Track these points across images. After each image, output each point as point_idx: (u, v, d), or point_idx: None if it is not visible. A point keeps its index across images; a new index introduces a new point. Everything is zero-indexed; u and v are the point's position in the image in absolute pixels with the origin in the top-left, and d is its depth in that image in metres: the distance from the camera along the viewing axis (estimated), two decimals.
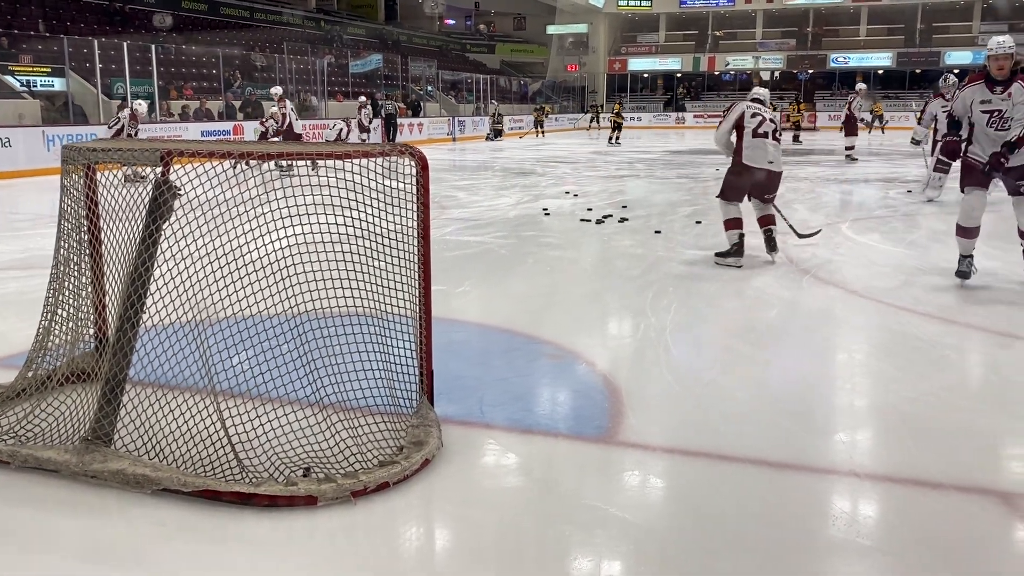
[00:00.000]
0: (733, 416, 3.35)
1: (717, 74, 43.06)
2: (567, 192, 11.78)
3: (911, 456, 2.97)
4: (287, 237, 2.90)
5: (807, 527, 2.49)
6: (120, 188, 3.07)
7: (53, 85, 17.16)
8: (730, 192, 6.37)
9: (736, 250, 6.25)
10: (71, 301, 3.23)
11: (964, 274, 5.47)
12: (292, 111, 14.31)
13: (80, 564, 2.31)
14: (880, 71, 39.94)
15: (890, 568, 2.29)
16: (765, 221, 6.41)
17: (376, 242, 2.96)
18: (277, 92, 14.96)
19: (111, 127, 12.93)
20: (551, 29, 43.84)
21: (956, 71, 37.45)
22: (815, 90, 40.15)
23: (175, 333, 2.85)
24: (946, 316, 4.69)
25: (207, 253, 2.80)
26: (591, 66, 43.76)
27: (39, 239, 7.47)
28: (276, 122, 14.39)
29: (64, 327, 3.24)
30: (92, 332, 3.32)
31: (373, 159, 2.90)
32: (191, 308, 2.77)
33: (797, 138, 25.11)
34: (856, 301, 5.31)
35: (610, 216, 9.01)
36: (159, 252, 2.86)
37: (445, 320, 4.21)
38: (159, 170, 2.80)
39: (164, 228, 2.86)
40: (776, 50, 41.50)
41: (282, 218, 2.89)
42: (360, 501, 2.57)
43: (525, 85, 39.83)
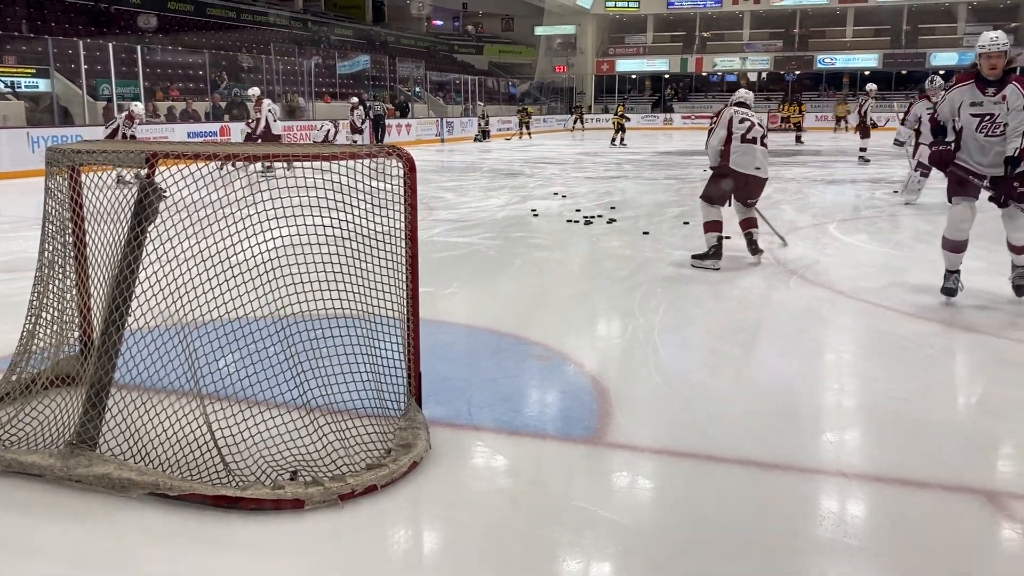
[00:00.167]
0: (721, 417, 3.36)
1: (705, 75, 43.20)
2: (555, 193, 11.79)
3: (898, 456, 2.98)
4: (274, 239, 2.88)
5: (795, 527, 2.49)
6: (110, 190, 3.04)
7: (38, 86, 17.05)
8: (714, 195, 6.36)
9: (714, 252, 6.25)
10: (56, 304, 3.21)
11: (950, 291, 5.07)
12: (271, 112, 14.09)
13: (65, 569, 2.29)
14: (866, 72, 40.15)
15: (877, 568, 2.30)
16: (747, 224, 6.42)
17: (364, 244, 2.96)
18: (255, 93, 14.83)
19: (108, 127, 12.85)
20: (539, 30, 43.88)
21: (942, 72, 37.77)
22: (802, 91, 40.34)
23: (161, 336, 2.83)
24: (932, 316, 4.72)
25: (193, 255, 2.78)
26: (579, 67, 43.82)
27: (23, 241, 7.41)
28: (256, 124, 14.25)
29: (48, 330, 3.21)
30: (77, 335, 3.30)
31: (360, 160, 2.89)
32: (177, 311, 2.75)
33: (799, 139, 25.17)
34: (843, 301, 5.33)
35: (600, 216, 9.02)
36: (144, 254, 2.84)
37: (433, 321, 4.20)
38: (144, 172, 2.78)
39: (149, 230, 2.85)
40: (763, 51, 41.67)
41: (268, 220, 2.87)
42: (347, 504, 2.56)
43: (513, 86, 39.84)
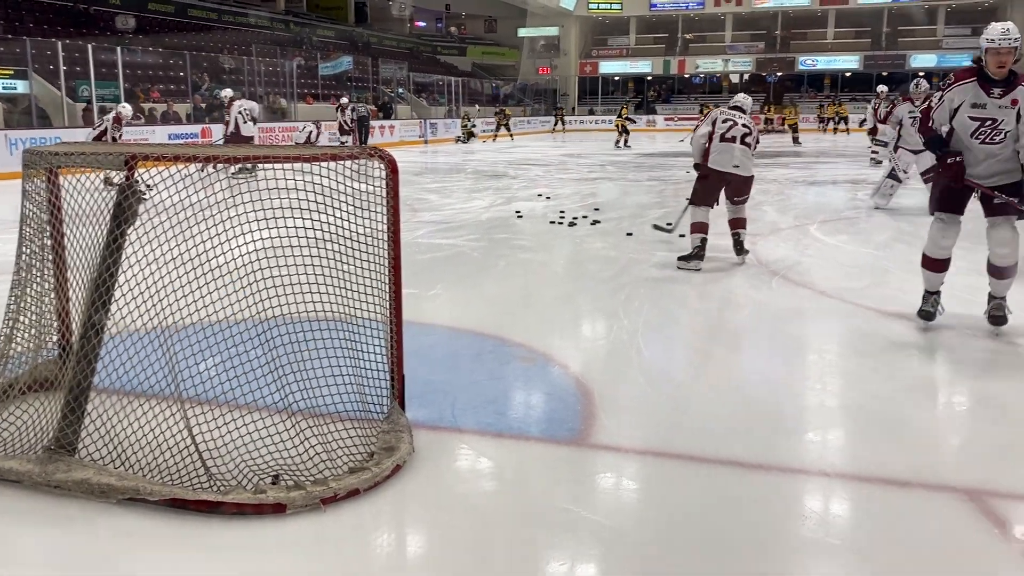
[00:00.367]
0: (705, 417, 3.37)
1: (687, 77, 43.38)
2: (539, 195, 11.79)
3: (880, 455, 2.99)
4: (255, 241, 2.86)
5: (778, 527, 2.50)
6: (89, 193, 3.00)
7: (16, 88, 16.87)
8: (700, 197, 6.40)
9: (697, 253, 6.27)
10: (33, 308, 3.17)
11: (928, 315, 4.58)
12: (240, 114, 13.87)
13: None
14: (847, 73, 40.49)
15: (860, 567, 2.31)
16: (735, 224, 6.45)
17: (346, 246, 2.94)
18: (227, 95, 14.67)
19: (95, 129, 12.73)
20: (522, 32, 43.91)
21: (922, 73, 38.11)
22: (784, 92, 40.61)
23: (141, 339, 2.80)
24: (913, 316, 4.75)
25: (173, 258, 2.76)
26: (562, 69, 43.88)
27: (0, 244, 7.32)
28: (226, 126, 14.13)
29: (26, 334, 3.18)
30: (55, 339, 3.26)
31: (342, 162, 2.88)
32: (157, 314, 2.73)
33: (796, 140, 25.26)
34: (825, 301, 5.36)
35: (585, 217, 9.04)
36: (124, 257, 2.81)
37: (416, 324, 4.19)
38: (122, 175, 2.75)
39: (129, 233, 2.82)
40: (745, 53, 41.89)
41: (249, 222, 2.85)
42: (330, 508, 2.54)
43: (497, 87, 39.84)
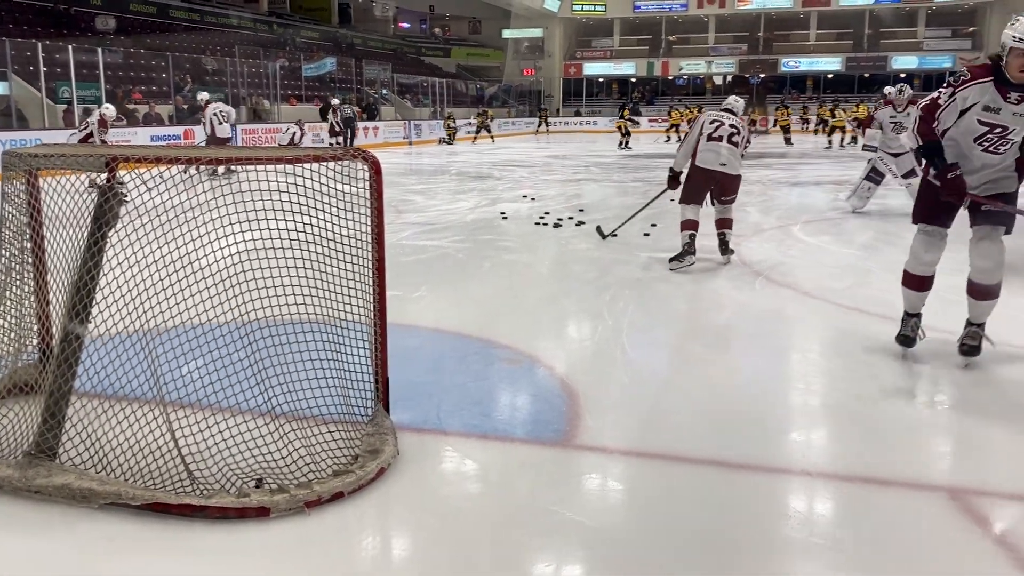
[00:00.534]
0: (689, 417, 3.38)
1: (671, 79, 43.52)
2: (524, 196, 11.80)
3: (862, 455, 3.01)
4: (237, 243, 2.84)
5: (762, 527, 2.51)
6: (70, 195, 2.97)
7: None
8: (687, 195, 6.45)
9: (687, 249, 6.32)
10: (13, 311, 3.14)
11: (907, 340, 4.10)
12: (215, 116, 14.25)
13: None
14: (830, 75, 40.75)
15: (842, 566, 2.32)
16: (721, 224, 6.49)
17: (330, 247, 2.93)
18: (203, 98, 15.09)
19: (80, 130, 12.63)
20: (507, 33, 43.92)
21: (903, 75, 38.41)
22: (767, 94, 40.82)
23: (122, 343, 2.78)
24: (895, 316, 4.77)
25: (155, 260, 2.74)
26: (547, 70, 43.93)
27: None
28: (205, 129, 14.53)
29: (6, 338, 3.15)
30: (35, 343, 3.23)
31: (325, 163, 2.87)
32: (139, 316, 2.70)
33: (788, 140, 25.41)
34: (808, 302, 5.39)
35: (570, 218, 9.06)
36: (105, 260, 2.79)
37: (401, 326, 4.17)
38: (104, 176, 2.73)
39: (110, 235, 2.79)
40: (728, 55, 42.10)
41: (232, 224, 2.84)
42: (314, 511, 2.53)
43: (481, 89, 39.84)
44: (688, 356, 4.31)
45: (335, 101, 21.80)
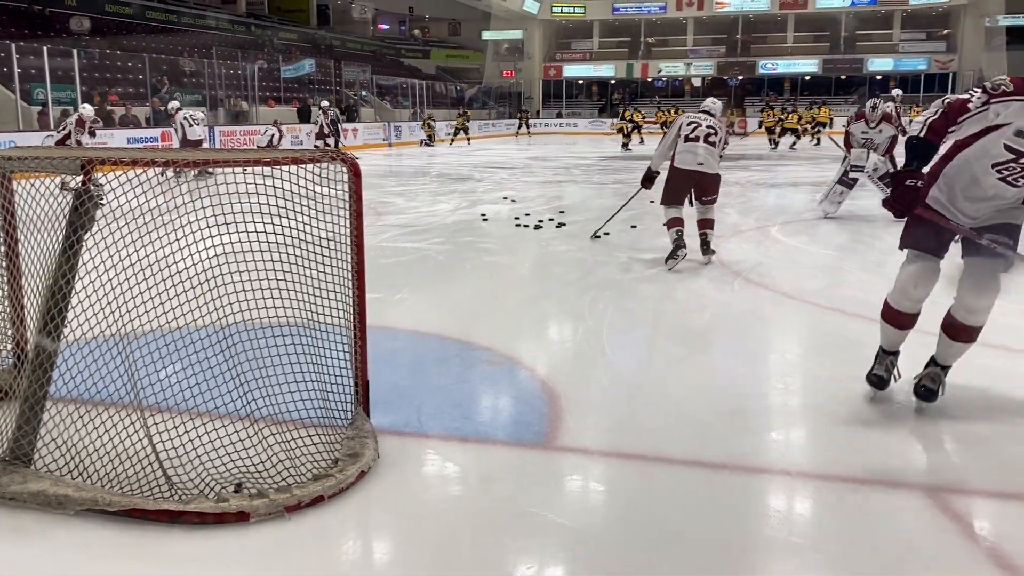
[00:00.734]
0: (669, 418, 3.39)
1: (650, 81, 43.70)
2: (505, 198, 11.80)
3: (840, 454, 3.03)
4: (215, 246, 2.82)
5: (743, 526, 2.52)
6: (44, 198, 2.93)
7: None
8: (668, 196, 6.54)
9: (677, 244, 6.39)
10: None
11: (880, 381, 3.57)
12: (187, 119, 14.61)
13: None
14: (807, 77, 41.07)
15: (821, 565, 2.34)
16: (703, 225, 6.55)
17: (309, 250, 2.91)
18: (174, 107, 15.49)
19: (59, 132, 12.49)
20: (486, 35, 43.92)
21: (879, 76, 38.78)
22: (745, 96, 41.10)
23: (99, 347, 2.74)
24: (873, 316, 4.79)
25: (132, 264, 2.71)
26: (527, 72, 43.96)
27: None
28: (176, 135, 14.86)
29: None
30: (9, 348, 3.19)
31: (303, 166, 2.85)
32: (115, 320, 2.67)
33: (775, 143, 25.51)
34: (786, 302, 5.43)
35: (551, 220, 9.07)
36: (81, 263, 2.76)
37: (381, 328, 4.16)
38: (79, 179, 2.70)
39: (86, 238, 2.76)
40: (707, 57, 42.32)
41: (210, 227, 2.81)
42: (294, 516, 2.51)
43: (461, 91, 39.81)
44: (669, 357, 4.33)
45: (325, 103, 21.70)
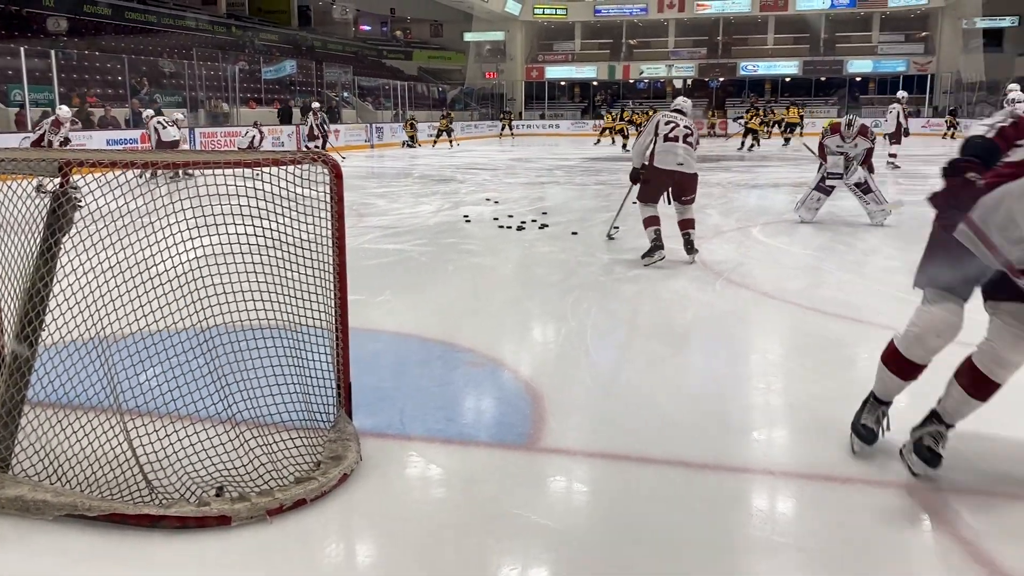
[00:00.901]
0: (652, 418, 3.39)
1: (632, 82, 43.84)
2: (488, 199, 11.79)
3: (822, 453, 3.05)
4: (195, 248, 2.80)
5: (726, 526, 2.53)
6: (21, 200, 2.90)
7: None
8: (645, 194, 6.60)
9: (655, 244, 6.44)
10: None
11: (869, 435, 3.00)
12: (160, 123, 14.88)
13: None
14: (787, 79, 41.34)
15: (804, 563, 2.35)
16: (684, 225, 6.59)
17: (290, 252, 2.90)
18: (149, 115, 15.75)
19: (35, 133, 12.36)
20: (468, 36, 43.88)
21: (859, 78, 39.11)
22: (726, 97, 41.31)
23: (77, 351, 2.72)
24: (853, 316, 4.86)
25: (111, 266, 2.68)
26: (509, 74, 43.96)
27: None
28: (151, 140, 15.11)
29: None
30: None
31: (284, 167, 2.83)
32: (95, 323, 2.65)
33: (758, 142, 25.67)
34: (768, 303, 5.46)
35: (534, 221, 9.08)
36: (59, 266, 2.73)
37: (363, 330, 4.15)
38: (57, 180, 2.67)
39: (64, 241, 2.74)
40: (688, 59, 42.50)
41: (190, 229, 2.79)
42: (276, 519, 2.50)
43: (443, 92, 39.76)
44: (651, 357, 4.34)
45: (315, 105, 21.62)
